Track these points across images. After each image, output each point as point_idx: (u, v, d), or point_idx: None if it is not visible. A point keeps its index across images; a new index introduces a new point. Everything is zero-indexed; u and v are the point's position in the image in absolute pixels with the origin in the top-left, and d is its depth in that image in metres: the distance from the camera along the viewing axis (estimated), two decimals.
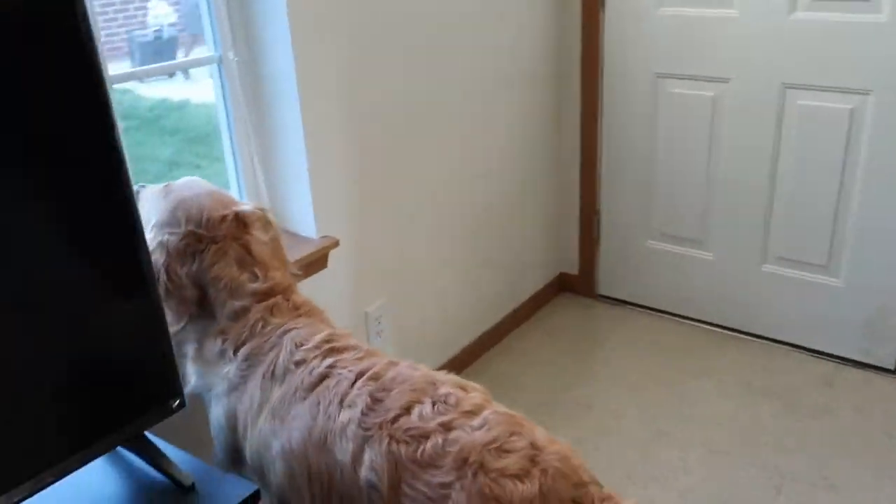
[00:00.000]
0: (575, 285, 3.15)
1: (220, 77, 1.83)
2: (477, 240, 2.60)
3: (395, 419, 1.14)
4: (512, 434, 1.09)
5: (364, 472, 1.13)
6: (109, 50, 2.44)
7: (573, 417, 2.39)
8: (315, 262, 1.94)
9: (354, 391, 1.20)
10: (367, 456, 1.13)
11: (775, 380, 2.53)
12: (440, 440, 1.08)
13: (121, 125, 1.36)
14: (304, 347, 1.28)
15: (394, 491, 1.09)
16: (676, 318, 2.92)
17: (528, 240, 2.90)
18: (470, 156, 2.47)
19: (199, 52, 1.87)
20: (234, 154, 1.90)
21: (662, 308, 2.96)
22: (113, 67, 1.60)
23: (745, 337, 2.77)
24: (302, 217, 1.95)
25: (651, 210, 2.85)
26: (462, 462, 1.05)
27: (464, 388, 1.19)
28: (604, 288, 3.09)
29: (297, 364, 1.27)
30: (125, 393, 1.13)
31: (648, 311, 2.98)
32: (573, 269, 3.14)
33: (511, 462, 1.05)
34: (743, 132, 2.56)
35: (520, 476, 1.03)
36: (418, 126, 2.22)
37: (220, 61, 1.81)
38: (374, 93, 2.03)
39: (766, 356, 2.66)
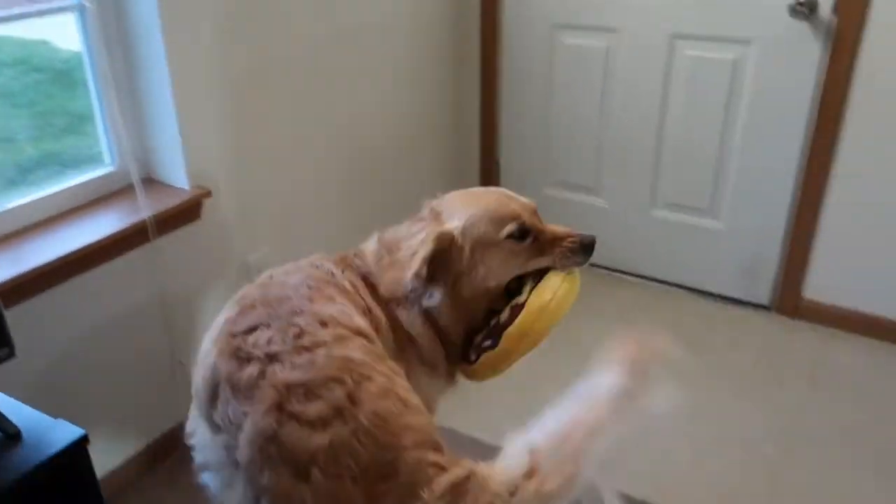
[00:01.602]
0: None
1: (83, 24, 1.80)
2: (371, 185, 2.61)
3: (236, 335, 1.14)
4: (331, 380, 1.05)
5: (198, 376, 1.17)
6: None
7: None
8: (186, 213, 1.94)
9: (248, 297, 1.24)
10: (205, 362, 1.16)
11: (660, 317, 2.65)
12: (256, 371, 1.08)
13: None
14: None
15: (210, 403, 1.11)
16: None
17: (426, 186, 2.91)
18: (358, 101, 2.45)
19: None
20: (100, 105, 1.87)
21: None
22: None
23: (634, 279, 2.88)
24: (174, 167, 1.94)
25: (548, 158, 2.90)
26: (264, 397, 1.04)
27: (324, 324, 1.15)
28: None
29: None
30: None
31: None
32: None
33: (312, 409, 1.01)
34: (634, 82, 2.61)
35: (314, 424, 1.00)
36: (297, 70, 2.18)
37: (81, 8, 1.77)
38: (247, 38, 2.00)
39: (652, 296, 2.78)
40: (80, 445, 1.22)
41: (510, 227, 1.35)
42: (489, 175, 3.04)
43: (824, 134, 2.36)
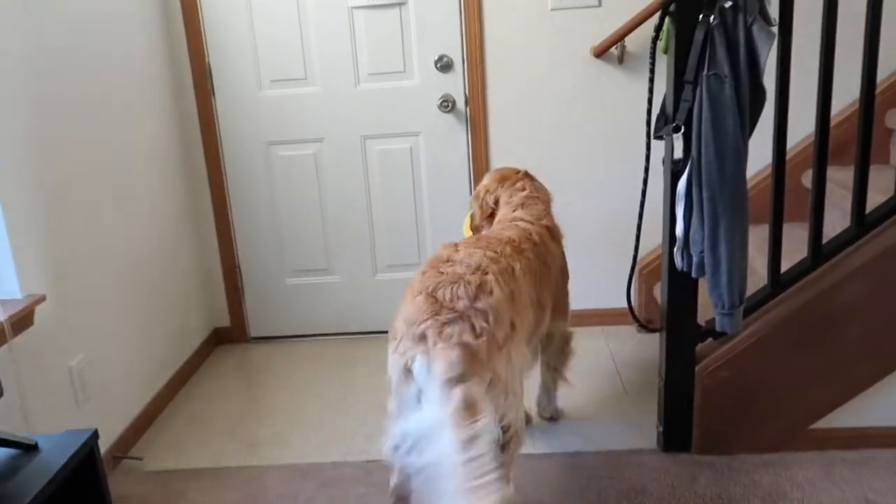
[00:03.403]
0: (229, 336, 3.58)
1: None
2: (148, 300, 2.92)
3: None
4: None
5: None
6: None
7: (273, 414, 2.84)
8: (22, 320, 2.11)
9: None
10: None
11: None
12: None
13: None
14: None
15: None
16: (322, 337, 3.56)
17: (182, 302, 3.26)
18: (131, 221, 2.81)
19: None
20: None
21: (309, 332, 3.58)
22: None
23: (377, 335, 3.53)
24: (4, 277, 2.12)
25: (283, 253, 3.48)
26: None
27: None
28: (255, 331, 3.59)
29: None
30: None
31: (299, 338, 3.57)
32: (226, 322, 3.57)
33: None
34: (340, 177, 3.37)
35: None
36: (89, 191, 2.52)
37: None
38: (52, 162, 2.31)
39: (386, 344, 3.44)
40: (92, 442, 1.47)
41: None
42: (232, 280, 3.49)
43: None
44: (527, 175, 2.45)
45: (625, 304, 2.62)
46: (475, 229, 2.45)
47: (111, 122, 2.71)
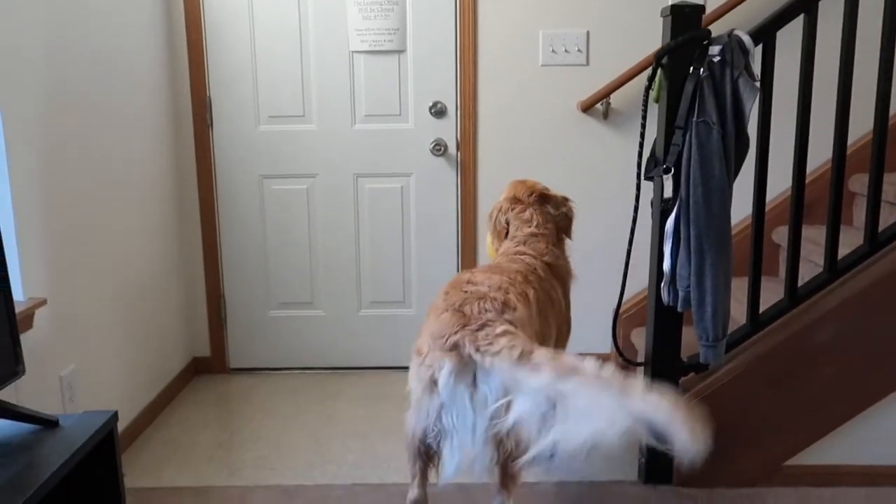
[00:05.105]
0: (209, 366, 3.57)
1: None
2: (134, 322, 2.92)
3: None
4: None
5: None
6: None
7: (255, 440, 2.83)
8: (22, 322, 2.12)
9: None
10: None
11: (384, 392, 3.34)
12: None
13: None
14: None
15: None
16: (303, 371, 3.57)
17: (164, 327, 3.26)
18: (125, 247, 2.85)
19: None
20: None
21: (290, 365, 3.59)
22: None
23: (357, 371, 3.56)
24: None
25: (268, 286, 3.52)
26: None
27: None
28: (235, 362, 3.59)
29: None
30: None
31: (279, 370, 3.57)
32: (205, 352, 3.56)
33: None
34: (331, 213, 3.45)
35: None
36: (87, 211, 2.56)
37: None
38: (60, 185, 2.36)
39: (379, 380, 3.48)
40: (112, 423, 1.49)
41: None
42: (216, 310, 3.50)
43: (467, 231, 3.47)
44: (538, 200, 2.40)
45: (605, 350, 2.71)
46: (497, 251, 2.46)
47: (113, 146, 2.77)
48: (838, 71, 2.27)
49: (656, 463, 2.45)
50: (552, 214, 2.40)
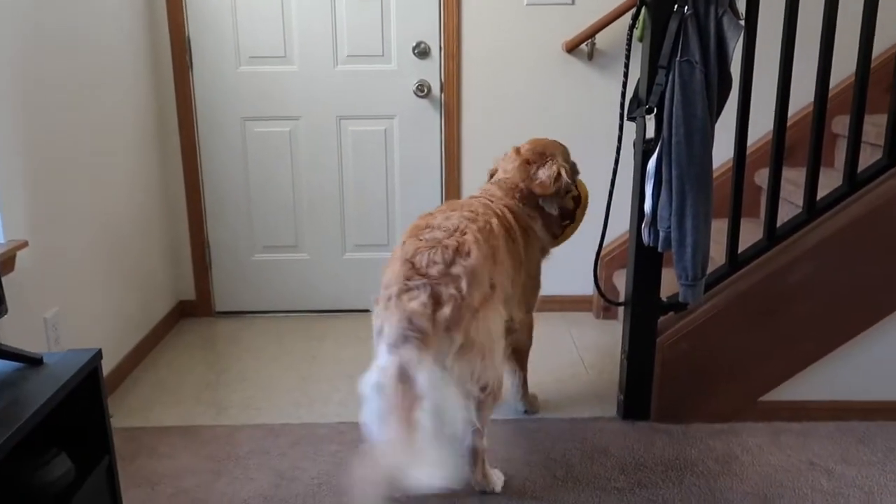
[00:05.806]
0: (194, 309, 3.58)
1: None
2: (118, 265, 2.92)
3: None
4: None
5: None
6: None
7: (241, 381, 2.87)
8: (4, 265, 2.11)
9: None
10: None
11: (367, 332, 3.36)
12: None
13: None
14: None
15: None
16: (288, 314, 3.60)
17: (149, 271, 3.27)
18: (107, 189, 2.82)
19: None
20: None
21: (275, 308, 3.61)
22: None
23: (341, 314, 3.59)
24: None
25: (252, 229, 3.51)
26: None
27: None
28: (221, 305, 3.61)
29: None
30: None
31: (265, 314, 3.60)
32: (191, 296, 3.58)
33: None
34: (314, 156, 3.43)
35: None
36: (67, 155, 2.53)
37: None
38: (39, 128, 2.32)
39: (361, 322, 3.51)
40: (96, 361, 1.51)
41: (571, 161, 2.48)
42: (200, 255, 3.50)
43: (452, 174, 3.47)
44: (526, 161, 2.39)
45: (584, 292, 2.73)
46: None
47: (90, 87, 2.72)
48: (823, 11, 2.25)
49: (635, 400, 2.51)
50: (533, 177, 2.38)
